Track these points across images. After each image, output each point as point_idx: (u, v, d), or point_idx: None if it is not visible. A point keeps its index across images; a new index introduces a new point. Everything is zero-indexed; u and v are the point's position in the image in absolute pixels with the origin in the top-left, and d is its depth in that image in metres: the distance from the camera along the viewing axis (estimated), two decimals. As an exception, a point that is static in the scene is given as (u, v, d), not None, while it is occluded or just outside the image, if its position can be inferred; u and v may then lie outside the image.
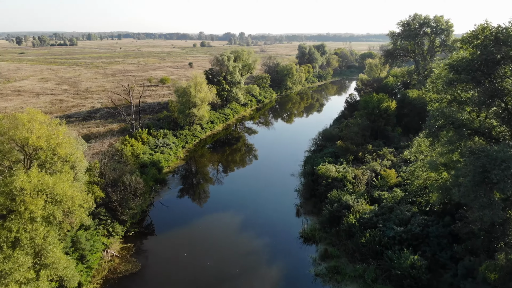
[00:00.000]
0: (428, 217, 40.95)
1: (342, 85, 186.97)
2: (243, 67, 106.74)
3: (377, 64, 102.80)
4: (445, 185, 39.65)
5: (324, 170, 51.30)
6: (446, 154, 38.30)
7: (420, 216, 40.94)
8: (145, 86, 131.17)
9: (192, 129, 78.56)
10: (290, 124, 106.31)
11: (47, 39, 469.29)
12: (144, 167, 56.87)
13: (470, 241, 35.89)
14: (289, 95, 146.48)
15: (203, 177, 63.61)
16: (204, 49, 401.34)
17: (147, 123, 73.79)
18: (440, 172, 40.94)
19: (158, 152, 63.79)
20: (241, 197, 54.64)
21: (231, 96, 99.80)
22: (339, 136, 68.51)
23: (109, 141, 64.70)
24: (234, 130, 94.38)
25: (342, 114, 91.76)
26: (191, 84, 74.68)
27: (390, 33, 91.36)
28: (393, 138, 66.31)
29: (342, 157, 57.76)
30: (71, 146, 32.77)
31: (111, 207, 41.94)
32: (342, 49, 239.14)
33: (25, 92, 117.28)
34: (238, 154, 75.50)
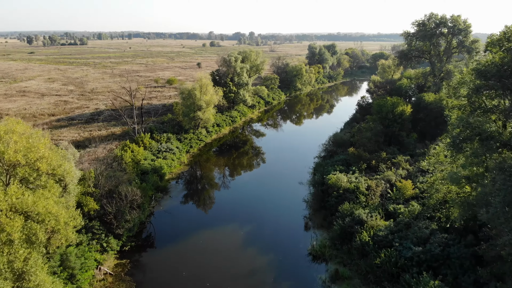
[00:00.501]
0: (448, 235, 37.46)
1: (353, 86, 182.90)
2: (251, 68, 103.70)
3: (390, 65, 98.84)
4: (467, 200, 36.24)
5: (334, 180, 47.99)
6: (470, 166, 34.94)
7: (439, 234, 37.46)
8: (151, 87, 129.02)
9: (197, 132, 75.72)
10: (299, 127, 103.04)
11: (58, 39, 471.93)
12: (145, 174, 54.13)
13: (496, 265, 32.40)
14: (298, 96, 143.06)
15: (207, 184, 60.71)
16: (213, 49, 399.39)
17: (150, 126, 71.12)
18: (462, 185, 37.50)
19: (161, 157, 61.03)
20: (246, 206, 51.60)
21: (238, 98, 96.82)
22: (350, 142, 65.08)
23: (109, 146, 62.14)
24: (241, 133, 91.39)
25: (353, 117, 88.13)
26: (196, 86, 71.84)
27: (404, 33, 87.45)
28: (408, 145, 62.64)
29: (354, 165, 54.33)
30: (58, 158, 30.02)
31: (105, 220, 39.18)
32: (353, 49, 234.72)
33: (30, 92, 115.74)
34: (244, 159, 72.46)
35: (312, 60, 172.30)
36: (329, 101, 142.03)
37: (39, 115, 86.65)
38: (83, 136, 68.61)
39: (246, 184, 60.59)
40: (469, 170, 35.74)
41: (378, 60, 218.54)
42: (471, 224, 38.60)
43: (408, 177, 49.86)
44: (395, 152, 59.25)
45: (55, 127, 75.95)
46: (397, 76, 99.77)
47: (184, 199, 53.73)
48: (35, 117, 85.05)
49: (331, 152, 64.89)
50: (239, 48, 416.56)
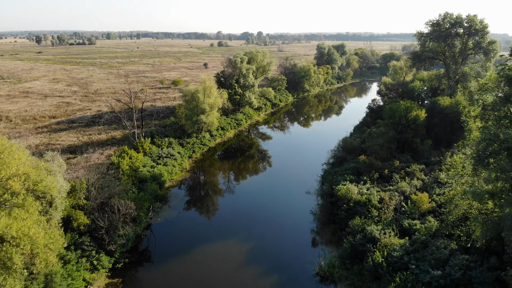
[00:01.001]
0: (469, 257, 34.04)
1: (362, 87, 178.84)
2: (257, 69, 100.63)
3: (402, 66, 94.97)
4: (491, 218, 32.92)
5: (344, 191, 44.72)
6: (494, 182, 31.53)
7: (460, 255, 34.05)
8: (156, 88, 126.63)
9: (200, 136, 72.82)
10: (306, 129, 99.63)
11: (66, 38, 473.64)
12: (143, 183, 51.33)
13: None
14: (306, 97, 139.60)
15: (209, 191, 57.75)
16: (221, 49, 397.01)
17: (151, 130, 68.35)
18: (485, 201, 34.07)
19: (161, 163, 58.23)
20: (250, 216, 48.54)
21: (244, 100, 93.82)
22: (361, 148, 61.70)
23: (107, 152, 59.47)
24: (247, 136, 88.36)
25: (364, 121, 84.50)
26: (200, 89, 68.95)
27: (417, 34, 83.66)
28: (423, 152, 59.07)
29: (366, 174, 50.97)
30: (39, 172, 27.25)
31: (96, 236, 36.39)
32: (362, 49, 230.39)
33: (33, 93, 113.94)
34: (249, 164, 69.40)
35: (321, 61, 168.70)
36: (338, 103, 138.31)
37: (39, 117, 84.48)
38: (81, 141, 66.10)
39: (250, 192, 57.52)
40: (493, 185, 32.36)
41: (388, 60, 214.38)
42: (494, 244, 35.13)
43: (424, 189, 46.45)
44: (409, 160, 55.76)
45: (55, 130, 73.62)
46: (409, 78, 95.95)
47: (185, 209, 50.79)
48: (36, 119, 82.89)
49: (340, 158, 61.56)
50: (246, 48, 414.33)
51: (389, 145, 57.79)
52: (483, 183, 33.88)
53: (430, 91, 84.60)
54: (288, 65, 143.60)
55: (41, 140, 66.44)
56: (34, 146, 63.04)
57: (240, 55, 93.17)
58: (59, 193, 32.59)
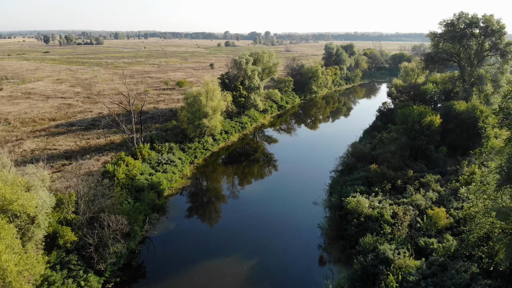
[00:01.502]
0: (492, 282, 30.73)
1: (371, 88, 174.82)
2: (263, 71, 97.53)
3: (414, 68, 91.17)
4: (518, 240, 29.61)
5: (355, 204, 41.51)
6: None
7: (482, 280, 30.73)
8: (160, 90, 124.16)
9: (202, 141, 69.94)
10: (314, 133, 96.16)
11: (74, 38, 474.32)
12: (140, 192, 48.57)
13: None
14: (313, 99, 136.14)
15: (211, 200, 54.85)
16: (228, 49, 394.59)
17: (151, 135, 65.57)
18: (511, 220, 30.79)
19: (160, 170, 55.43)
20: (253, 229, 45.56)
21: (249, 103, 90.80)
22: (372, 156, 58.34)
23: (104, 158, 56.80)
24: (252, 140, 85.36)
25: (374, 125, 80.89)
26: (202, 91, 66.08)
27: (430, 34, 79.92)
28: (437, 160, 55.55)
29: (377, 185, 47.67)
30: (15, 190, 24.48)
31: (85, 254, 33.60)
32: (371, 50, 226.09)
33: (35, 94, 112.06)
34: (253, 170, 66.37)
35: (329, 61, 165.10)
36: (347, 105, 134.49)
37: (39, 119, 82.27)
38: (79, 145, 63.57)
39: (254, 200, 54.41)
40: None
41: (398, 61, 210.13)
42: (520, 268, 31.85)
43: (440, 202, 43.06)
44: (423, 169, 52.31)
45: (53, 134, 71.25)
46: (421, 80, 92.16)
47: (184, 220, 47.89)
48: (35, 122, 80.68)
49: (349, 166, 58.27)
50: (254, 48, 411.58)
51: (401, 153, 54.41)
52: (508, 200, 30.68)
53: (443, 94, 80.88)
54: (295, 66, 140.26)
55: (37, 144, 64.04)
56: (29, 151, 60.65)
57: (245, 56, 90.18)
58: (42, 209, 29.89)
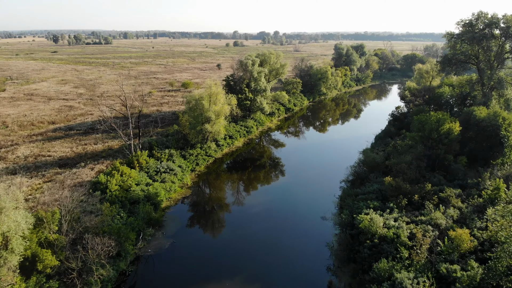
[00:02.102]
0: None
1: (382, 89, 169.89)
2: (270, 72, 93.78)
3: (429, 70, 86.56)
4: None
5: (368, 223, 37.57)
6: None
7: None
8: (165, 91, 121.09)
9: (205, 147, 66.42)
10: (323, 137, 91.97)
11: (83, 38, 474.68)
12: (135, 204, 45.19)
13: None
14: (323, 101, 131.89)
15: (211, 213, 51.22)
16: (236, 49, 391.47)
17: (150, 141, 62.13)
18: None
19: (158, 180, 51.99)
20: (255, 248, 41.89)
21: (255, 106, 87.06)
22: (385, 166, 54.24)
23: (99, 167, 53.51)
24: (258, 144, 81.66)
25: (387, 130, 76.46)
26: (204, 95, 62.53)
27: (447, 35, 75.46)
28: (457, 171, 51.23)
29: (392, 200, 43.66)
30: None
31: (65, 280, 30.20)
32: (382, 50, 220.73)
33: (37, 96, 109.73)
34: (258, 178, 62.65)
35: (339, 62, 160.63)
36: (357, 107, 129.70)
37: (37, 122, 79.54)
38: (75, 152, 60.43)
39: (259, 214, 50.66)
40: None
41: (410, 61, 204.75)
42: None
43: (462, 220, 38.94)
44: (441, 182, 48.11)
45: (50, 138, 68.32)
46: (435, 83, 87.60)
47: (181, 235, 44.27)
48: (33, 125, 77.96)
49: (361, 176, 54.22)
50: (262, 48, 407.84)
51: (418, 163, 50.28)
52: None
53: (460, 98, 76.29)
54: (304, 67, 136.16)
55: (32, 150, 61.07)
56: (23, 157, 57.66)
57: (251, 57, 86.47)
58: (16, 232, 26.54)
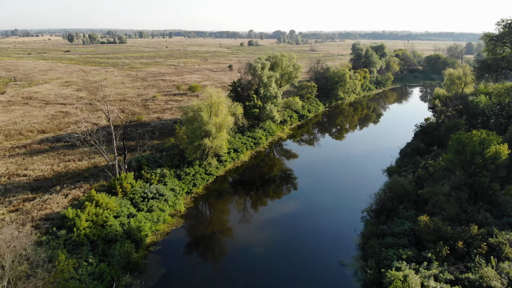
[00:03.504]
0: None
1: (404, 93, 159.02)
2: (282, 76, 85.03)
3: (461, 76, 76.48)
4: None
5: (400, 284, 28.68)
6: None
7: None
8: (170, 95, 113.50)
9: (204, 164, 58.20)
10: (340, 147, 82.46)
11: (98, 37, 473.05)
12: (111, 243, 37.23)
13: None
14: (340, 106, 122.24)
15: (205, 251, 42.86)
16: (250, 48, 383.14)
17: (140, 158, 53.97)
18: None
19: (144, 209, 43.96)
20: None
21: (264, 114, 78.43)
22: (417, 195, 45.00)
23: (75, 192, 45.66)
24: (267, 157, 73.16)
25: (415, 146, 66.28)
26: (203, 105, 54.25)
27: (484, 37, 65.59)
28: (505, 205, 41.69)
29: (429, 246, 34.57)
30: None
31: None
32: (403, 50, 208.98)
33: (35, 100, 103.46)
34: (264, 202, 54.12)
35: (357, 63, 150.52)
36: (377, 113, 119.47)
37: (26, 131, 72.67)
38: (54, 171, 52.84)
39: (263, 254, 42.04)
40: None
41: (433, 63, 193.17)
42: None
43: (524, 280, 29.74)
44: (488, 220, 38.64)
45: (33, 152, 61.09)
46: (468, 90, 77.46)
47: (165, 284, 36.13)
48: (21, 134, 71.13)
49: (387, 207, 45.05)
50: (278, 47, 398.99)
51: (458, 194, 41.02)
52: None
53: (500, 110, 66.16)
54: (320, 69, 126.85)
55: (8, 167, 53.76)
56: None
57: (261, 60, 77.84)
58: None
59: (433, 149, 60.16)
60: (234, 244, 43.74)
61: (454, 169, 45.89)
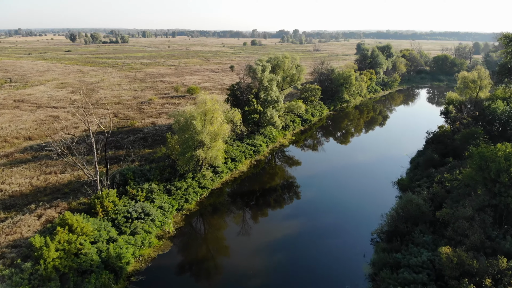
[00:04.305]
0: None
1: (411, 95, 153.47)
2: (284, 79, 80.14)
3: (475, 79, 71.14)
4: None
5: (420, 338, 23.80)
6: None
7: None
8: (167, 98, 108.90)
9: (198, 176, 53.45)
10: (345, 154, 77.34)
11: (100, 36, 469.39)
12: (86, 275, 32.56)
13: None
14: (345, 109, 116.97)
15: (198, 278, 38.19)
16: (254, 48, 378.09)
17: (125, 172, 49.05)
18: None
19: (127, 231, 39.27)
20: None
21: (264, 120, 73.58)
22: (434, 217, 40.00)
23: (49, 213, 40.99)
24: (268, 165, 68.38)
25: (427, 157, 60.86)
26: (196, 114, 49.46)
27: (502, 38, 60.77)
28: (536, 229, 36.74)
29: (453, 285, 29.60)
30: None
31: None
32: (409, 50, 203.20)
33: (27, 103, 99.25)
34: (263, 218, 49.39)
35: (363, 64, 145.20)
36: (383, 114, 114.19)
37: (12, 138, 68.34)
38: (33, 185, 48.27)
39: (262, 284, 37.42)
40: None
41: (441, 63, 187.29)
42: None
43: None
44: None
45: (14, 162, 56.63)
46: (484, 95, 72.13)
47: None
48: (6, 141, 66.82)
49: (401, 230, 40.04)
50: (281, 47, 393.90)
51: (482, 217, 36.04)
52: None
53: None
54: (324, 71, 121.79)
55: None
56: (-34, 191, 45.94)
57: (262, 62, 73.01)
58: None
59: (448, 161, 55.09)
60: (231, 266, 38.95)
61: (475, 186, 40.92)
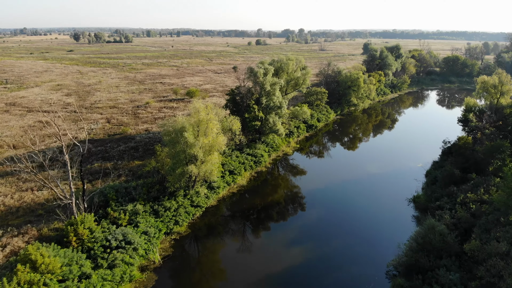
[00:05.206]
0: None
1: (422, 98, 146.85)
2: (288, 83, 74.43)
3: (496, 84, 64.74)
4: None
5: None
6: None
7: None
8: (166, 101, 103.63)
9: (190, 194, 48.02)
10: (353, 162, 71.44)
11: (104, 36, 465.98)
12: (47, 323, 27.22)
13: None
14: (352, 113, 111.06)
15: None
16: (258, 48, 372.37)
17: (107, 191, 43.63)
18: None
19: (104, 264, 33.92)
20: None
21: (266, 127, 68.02)
22: (459, 245, 34.30)
23: (18, 242, 35.73)
24: (270, 177, 62.75)
25: (446, 172, 54.26)
26: (188, 125, 43.98)
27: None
28: None
29: None
30: None
31: None
32: (419, 51, 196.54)
33: (18, 106, 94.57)
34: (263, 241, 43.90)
35: (372, 66, 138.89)
36: (395, 121, 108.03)
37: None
38: (6, 204, 43.08)
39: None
40: None
41: (452, 64, 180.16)
42: None
43: None
44: None
45: (-10, 175, 51.62)
46: (505, 101, 65.82)
47: None
48: (-13, 150, 61.87)
49: (422, 265, 34.35)
50: (286, 47, 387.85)
51: (520, 254, 30.33)
52: None
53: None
54: (331, 72, 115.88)
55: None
56: None
57: (264, 65, 67.48)
58: None
59: (471, 177, 49.25)
60: None
61: (507, 212, 35.18)
